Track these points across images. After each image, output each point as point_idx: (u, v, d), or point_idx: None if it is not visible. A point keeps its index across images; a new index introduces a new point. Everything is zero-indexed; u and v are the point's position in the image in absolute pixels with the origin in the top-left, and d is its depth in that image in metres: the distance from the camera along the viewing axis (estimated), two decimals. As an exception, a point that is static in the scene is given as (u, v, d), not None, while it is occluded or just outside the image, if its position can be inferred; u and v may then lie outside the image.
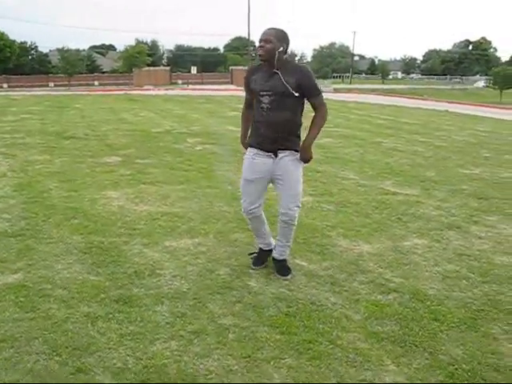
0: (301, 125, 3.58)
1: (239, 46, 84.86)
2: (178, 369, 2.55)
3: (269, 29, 3.44)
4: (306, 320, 3.10)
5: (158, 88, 35.94)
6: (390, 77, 75.29)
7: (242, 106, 3.92)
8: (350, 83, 61.17)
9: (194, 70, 47.92)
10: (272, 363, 2.64)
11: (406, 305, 3.38)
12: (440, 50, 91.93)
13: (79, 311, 3.04)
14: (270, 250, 3.91)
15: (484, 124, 16.17)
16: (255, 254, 3.96)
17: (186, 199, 5.64)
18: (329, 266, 3.97)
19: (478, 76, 76.85)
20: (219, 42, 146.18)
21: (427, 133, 12.89)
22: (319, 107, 3.51)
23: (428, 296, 3.52)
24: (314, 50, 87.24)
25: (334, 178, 7.20)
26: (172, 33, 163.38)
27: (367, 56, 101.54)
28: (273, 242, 3.93)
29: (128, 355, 2.64)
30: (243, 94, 3.88)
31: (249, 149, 3.66)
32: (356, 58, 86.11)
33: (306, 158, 3.57)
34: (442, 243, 4.63)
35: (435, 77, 76.60)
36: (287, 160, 3.52)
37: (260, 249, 3.95)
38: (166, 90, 34.07)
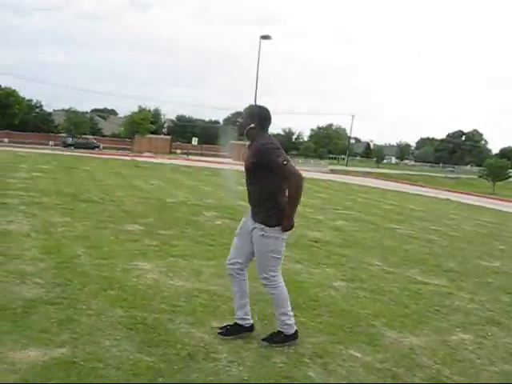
0: (277, 198, 3.62)
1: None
2: None
3: (247, 107, 3.79)
4: (378, 420, 2.91)
5: (162, 157, 36.33)
6: (385, 161, 76.98)
7: None
8: (347, 165, 62.27)
9: (195, 141, 48.71)
10: None
11: (476, 408, 3.20)
12: (433, 139, 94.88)
13: (139, 396, 2.83)
14: (241, 326, 3.88)
15: (487, 215, 16.34)
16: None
17: (219, 276, 5.48)
18: (383, 359, 3.80)
19: (469, 166, 78.84)
20: (219, 115, 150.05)
21: (436, 221, 12.95)
22: (287, 178, 3.56)
23: (495, 399, 3.35)
24: (312, 130, 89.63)
25: (359, 263, 7.09)
26: (172, 102, 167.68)
27: (362, 139, 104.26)
28: (245, 317, 3.89)
29: None
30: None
31: None
32: (352, 141, 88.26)
33: (284, 228, 3.64)
34: (490, 340, 4.49)
35: (428, 164, 78.38)
36: (256, 233, 3.67)
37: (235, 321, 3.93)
38: (169, 159, 34.44)
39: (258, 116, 3.66)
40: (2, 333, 3.44)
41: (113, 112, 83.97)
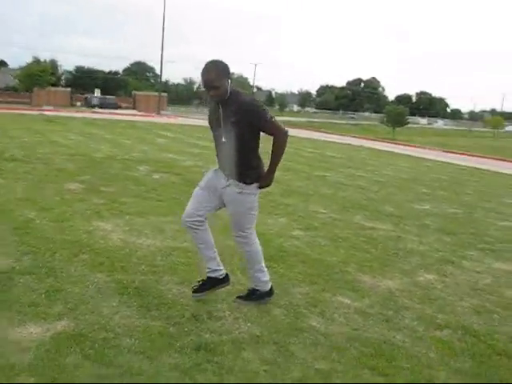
0: (254, 155, 3.54)
1: (138, 70, 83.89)
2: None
3: (209, 69, 3.32)
4: (392, 360, 3.07)
5: (68, 110, 34.20)
6: (287, 109, 78.01)
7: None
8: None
9: (97, 92, 46.45)
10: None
11: (465, 340, 3.48)
12: (333, 86, 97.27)
13: (165, 363, 2.74)
14: (215, 278, 3.68)
15: (401, 160, 17.28)
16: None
17: (183, 233, 5.29)
18: (371, 304, 3.97)
19: (367, 113, 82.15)
20: (119, 65, 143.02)
21: (359, 167, 13.49)
22: (272, 135, 3.44)
23: (477, 331, 3.65)
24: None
25: (306, 211, 7.25)
26: (67, 52, 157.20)
27: (264, 88, 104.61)
28: (217, 268, 3.70)
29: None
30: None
31: None
32: (254, 90, 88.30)
33: (262, 186, 3.57)
34: (451, 278, 4.83)
35: (329, 111, 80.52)
36: (232, 191, 3.50)
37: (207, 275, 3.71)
38: (77, 112, 32.54)
39: (227, 71, 3.38)
40: (-10, 309, 3.17)
41: (3, 63, 77.00)
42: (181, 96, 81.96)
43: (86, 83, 61.79)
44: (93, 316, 3.22)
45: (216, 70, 3.32)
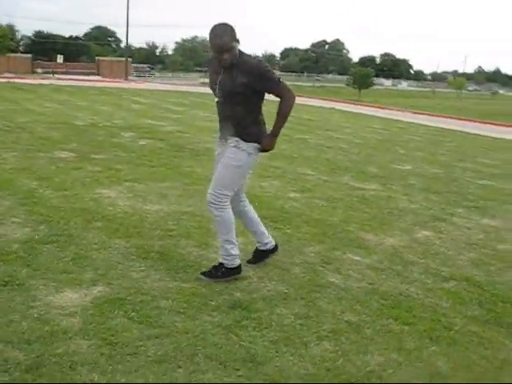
0: (256, 116, 3.50)
1: (99, 35, 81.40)
2: (345, 368, 2.58)
3: (221, 32, 3.26)
4: (411, 310, 3.29)
5: (34, 77, 33.01)
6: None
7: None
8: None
9: (60, 58, 44.91)
10: (425, 353, 2.79)
11: (470, 290, 3.74)
12: (297, 49, 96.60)
13: (207, 321, 2.88)
14: (266, 251, 3.82)
15: (373, 122, 17.55)
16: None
17: (185, 197, 5.47)
18: (380, 260, 4.19)
19: (331, 75, 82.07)
20: (79, 30, 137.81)
21: (335, 129, 13.70)
22: (280, 96, 3.41)
23: (480, 282, 3.92)
24: (177, 42, 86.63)
25: (296, 174, 7.41)
26: (21, 16, 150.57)
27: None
28: (267, 241, 3.81)
29: (289, 360, 2.60)
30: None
31: None
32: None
33: (264, 147, 3.52)
34: (446, 234, 5.10)
35: (293, 73, 79.95)
36: (229, 146, 3.46)
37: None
38: (42, 79, 31.45)
39: (235, 33, 3.31)
40: (25, 278, 3.22)
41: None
42: (144, 61, 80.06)
43: (45, 49, 59.71)
44: (125, 280, 3.32)
45: (228, 33, 3.25)
